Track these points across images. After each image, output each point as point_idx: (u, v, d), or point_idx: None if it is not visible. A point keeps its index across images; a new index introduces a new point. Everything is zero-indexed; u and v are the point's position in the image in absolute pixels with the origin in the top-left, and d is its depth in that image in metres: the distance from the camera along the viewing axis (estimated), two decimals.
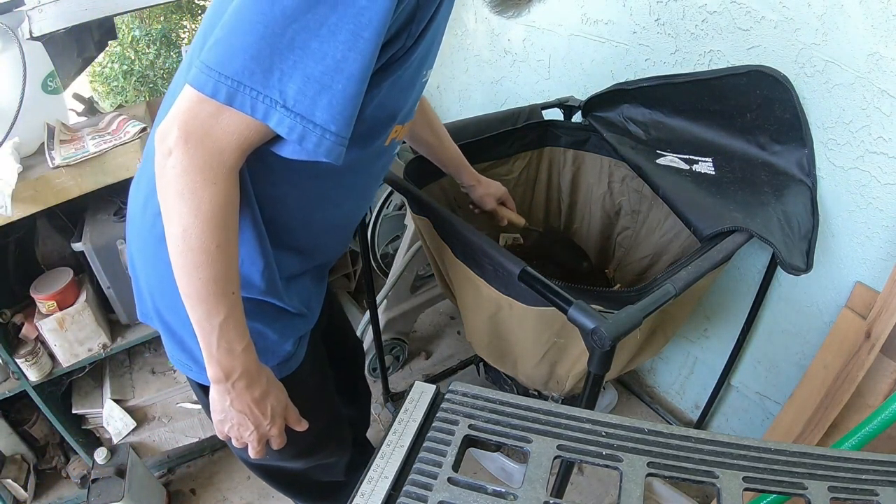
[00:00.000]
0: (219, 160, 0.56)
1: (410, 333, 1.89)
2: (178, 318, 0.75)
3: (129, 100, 3.31)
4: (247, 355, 0.68)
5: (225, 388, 0.69)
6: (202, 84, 0.54)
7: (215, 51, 0.54)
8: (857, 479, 0.43)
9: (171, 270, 0.71)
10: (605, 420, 0.48)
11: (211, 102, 0.54)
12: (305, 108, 0.54)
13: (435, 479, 0.44)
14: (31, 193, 1.07)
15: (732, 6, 1.10)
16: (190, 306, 0.64)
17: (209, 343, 0.65)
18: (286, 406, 0.77)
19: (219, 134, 0.56)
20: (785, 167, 1.08)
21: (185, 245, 0.59)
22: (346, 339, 1.23)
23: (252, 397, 0.71)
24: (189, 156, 0.55)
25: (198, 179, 0.56)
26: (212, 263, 0.60)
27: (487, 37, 1.75)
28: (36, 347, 1.22)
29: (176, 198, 0.57)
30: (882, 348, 1.03)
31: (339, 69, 0.53)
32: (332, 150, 0.57)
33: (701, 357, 1.56)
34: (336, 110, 0.55)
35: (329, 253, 0.88)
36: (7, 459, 1.42)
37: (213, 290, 0.62)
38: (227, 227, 0.60)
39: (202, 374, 0.78)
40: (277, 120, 0.55)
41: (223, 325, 0.64)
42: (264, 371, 0.73)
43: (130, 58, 3.34)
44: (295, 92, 0.54)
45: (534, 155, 1.38)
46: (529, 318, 0.92)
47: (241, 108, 0.54)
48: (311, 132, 0.55)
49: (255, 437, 0.74)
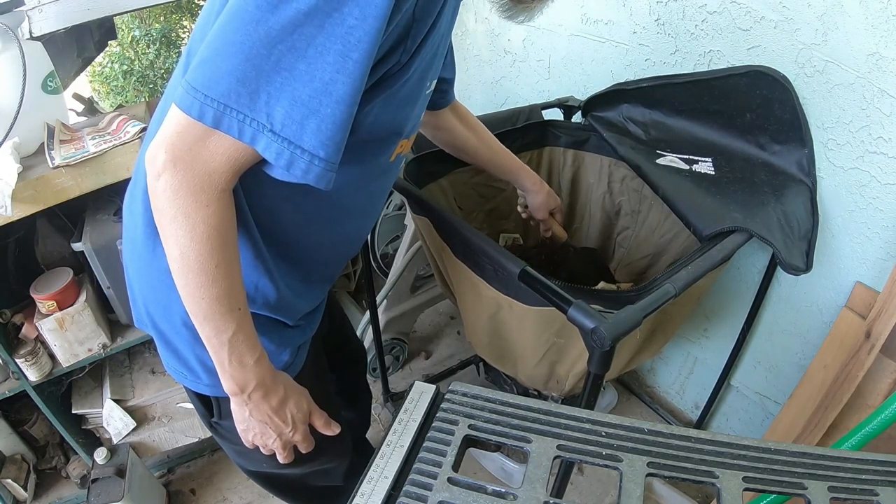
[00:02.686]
0: (209, 182, 0.55)
1: (410, 333, 1.89)
2: (170, 327, 0.75)
3: (129, 100, 3.31)
4: (259, 367, 0.68)
5: (242, 400, 0.70)
6: (188, 106, 0.52)
7: (201, 71, 0.52)
8: (857, 479, 0.43)
9: (162, 279, 0.70)
10: (605, 420, 0.48)
11: (197, 125, 0.53)
12: (293, 133, 0.52)
13: (435, 479, 0.44)
14: (31, 193, 1.07)
15: (732, 6, 1.10)
16: (198, 324, 0.63)
17: (220, 359, 0.65)
18: (308, 411, 0.77)
19: (207, 157, 0.54)
20: (785, 167, 1.08)
21: (185, 267, 0.59)
22: (348, 342, 1.23)
23: (270, 406, 0.71)
24: (179, 179, 0.54)
25: (190, 203, 0.55)
26: (214, 283, 0.59)
27: (487, 37, 1.75)
28: (36, 347, 1.22)
29: (170, 222, 0.56)
30: (882, 348, 1.03)
31: (327, 92, 0.51)
32: (322, 176, 0.55)
33: (701, 357, 1.56)
34: (325, 135, 0.53)
35: (330, 268, 0.87)
36: (7, 459, 1.42)
37: (219, 309, 0.61)
38: (225, 247, 0.59)
39: (197, 383, 0.78)
40: (265, 144, 0.53)
41: (232, 340, 0.64)
42: (280, 378, 0.73)
43: (130, 58, 3.34)
44: (282, 115, 0.52)
45: (534, 155, 1.38)
46: (529, 318, 0.91)
47: (229, 132, 0.53)
48: (299, 158, 0.54)
49: (279, 445, 0.74)
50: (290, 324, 0.80)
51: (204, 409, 0.87)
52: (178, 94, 0.53)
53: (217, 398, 0.82)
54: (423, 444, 0.47)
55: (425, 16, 0.58)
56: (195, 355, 0.75)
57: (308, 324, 0.86)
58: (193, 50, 0.64)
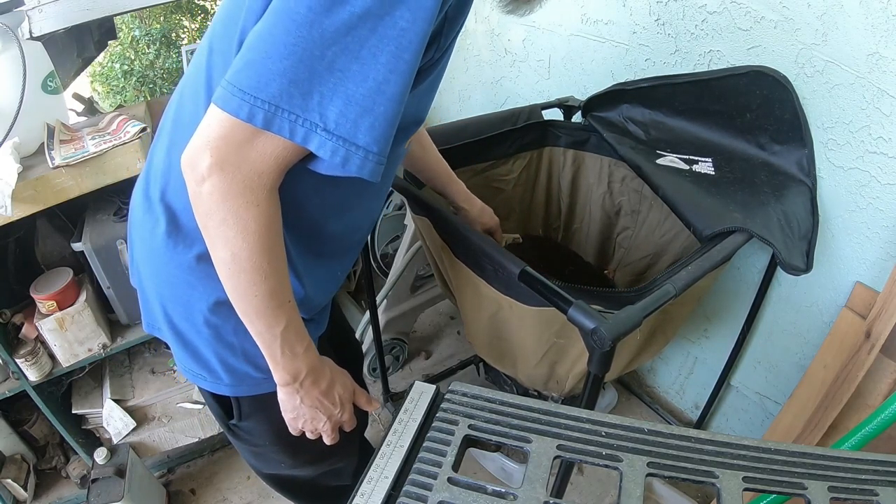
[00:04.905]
0: (258, 182, 0.56)
1: (410, 333, 1.89)
2: (191, 327, 0.74)
3: (129, 100, 3.31)
4: (309, 354, 0.70)
5: (294, 389, 0.71)
6: (236, 108, 0.52)
7: (247, 73, 0.52)
8: (857, 479, 0.43)
9: (183, 276, 0.70)
10: (605, 420, 0.48)
11: (245, 127, 0.53)
12: (347, 131, 0.54)
13: (435, 479, 0.44)
14: (31, 193, 1.07)
15: (732, 6, 1.10)
16: (249, 321, 0.64)
17: (273, 352, 0.67)
18: (353, 390, 0.79)
19: (256, 157, 0.55)
20: (785, 167, 1.08)
21: (237, 267, 0.59)
22: (347, 342, 1.23)
23: (320, 391, 0.73)
24: (227, 181, 0.55)
25: (240, 203, 0.56)
26: (266, 280, 0.60)
27: (487, 37, 1.75)
28: (36, 347, 1.22)
29: (220, 224, 0.57)
30: (882, 348, 1.03)
31: (380, 91, 0.53)
32: (375, 170, 0.56)
33: (701, 357, 1.56)
34: (378, 132, 0.54)
35: (345, 257, 0.87)
36: (7, 459, 1.41)
37: (271, 304, 0.62)
38: (275, 244, 0.60)
39: (216, 384, 0.78)
40: (318, 143, 0.54)
41: (284, 332, 0.65)
42: (326, 363, 0.75)
43: (130, 58, 3.34)
44: (336, 115, 0.53)
45: (534, 155, 1.38)
46: (529, 318, 0.91)
47: (280, 132, 0.53)
48: (354, 154, 0.55)
49: (328, 427, 0.77)
50: (306, 317, 0.80)
51: (221, 412, 0.86)
52: (220, 95, 0.53)
53: (237, 399, 0.82)
54: (423, 444, 0.48)
55: (458, 14, 0.60)
56: (216, 355, 0.75)
57: (321, 319, 0.86)
58: (217, 46, 0.64)
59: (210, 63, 0.65)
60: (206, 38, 0.68)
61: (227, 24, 0.62)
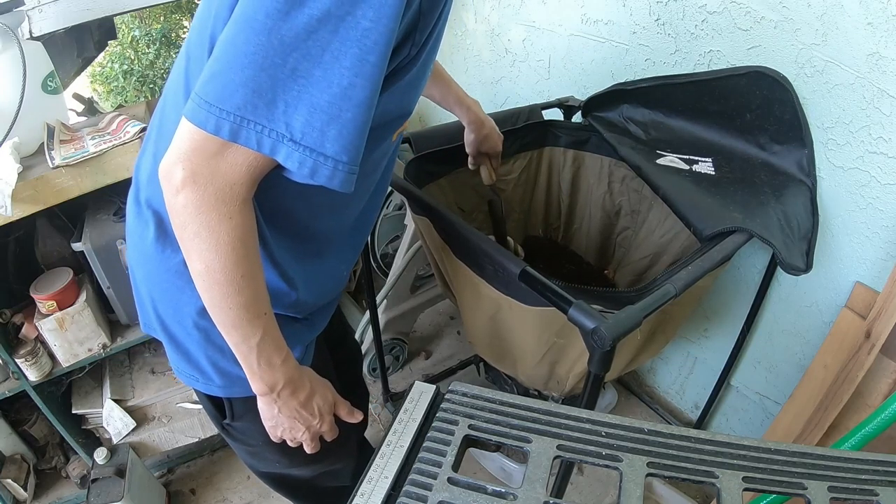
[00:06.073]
0: (231, 194, 0.55)
1: (410, 333, 1.89)
2: (181, 329, 0.75)
3: (129, 100, 3.30)
4: (287, 365, 0.69)
5: (271, 399, 0.70)
6: (203, 121, 0.51)
7: (213, 84, 0.51)
8: (857, 479, 0.43)
9: (172, 280, 0.70)
10: (605, 420, 0.48)
11: (214, 139, 0.52)
12: (314, 141, 0.52)
13: (435, 479, 0.44)
14: (31, 193, 1.07)
15: (732, 6, 1.10)
16: (225, 332, 0.64)
17: (249, 363, 0.66)
18: (333, 402, 0.78)
19: (227, 169, 0.53)
20: (785, 167, 1.08)
21: (211, 279, 0.58)
22: (346, 342, 1.23)
23: (298, 402, 0.72)
24: (200, 194, 0.54)
25: (213, 217, 0.55)
26: (240, 292, 0.60)
27: (487, 37, 1.75)
28: (36, 347, 1.22)
29: (194, 237, 0.56)
30: (882, 348, 1.03)
31: (346, 97, 0.51)
32: (346, 180, 0.55)
33: (701, 357, 1.56)
34: (347, 140, 0.52)
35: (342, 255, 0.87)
36: (7, 459, 1.41)
37: (245, 316, 0.62)
38: (249, 256, 0.59)
39: (208, 385, 0.78)
40: (286, 154, 0.52)
41: (260, 344, 0.65)
42: (306, 373, 0.74)
43: (130, 58, 3.34)
44: (302, 124, 0.51)
45: (534, 155, 1.38)
46: (529, 318, 0.91)
47: (247, 144, 0.52)
48: (322, 165, 0.53)
49: (307, 437, 0.76)
50: (299, 318, 0.80)
51: (215, 412, 0.86)
52: (189, 108, 0.52)
53: (230, 399, 0.82)
54: (423, 444, 0.48)
55: (432, 7, 0.57)
56: (207, 357, 0.75)
57: (319, 320, 0.86)
58: (193, 53, 0.63)
59: (188, 70, 0.64)
60: (185, 44, 0.67)
61: (201, 30, 0.61)
